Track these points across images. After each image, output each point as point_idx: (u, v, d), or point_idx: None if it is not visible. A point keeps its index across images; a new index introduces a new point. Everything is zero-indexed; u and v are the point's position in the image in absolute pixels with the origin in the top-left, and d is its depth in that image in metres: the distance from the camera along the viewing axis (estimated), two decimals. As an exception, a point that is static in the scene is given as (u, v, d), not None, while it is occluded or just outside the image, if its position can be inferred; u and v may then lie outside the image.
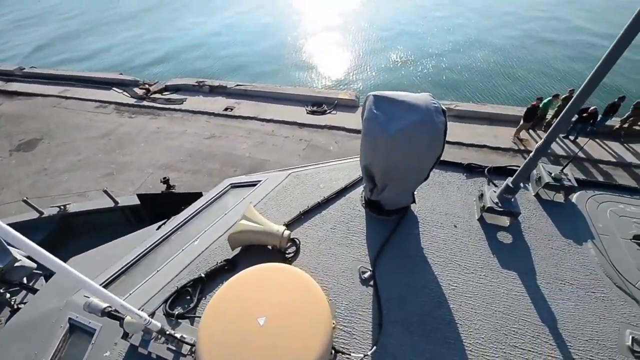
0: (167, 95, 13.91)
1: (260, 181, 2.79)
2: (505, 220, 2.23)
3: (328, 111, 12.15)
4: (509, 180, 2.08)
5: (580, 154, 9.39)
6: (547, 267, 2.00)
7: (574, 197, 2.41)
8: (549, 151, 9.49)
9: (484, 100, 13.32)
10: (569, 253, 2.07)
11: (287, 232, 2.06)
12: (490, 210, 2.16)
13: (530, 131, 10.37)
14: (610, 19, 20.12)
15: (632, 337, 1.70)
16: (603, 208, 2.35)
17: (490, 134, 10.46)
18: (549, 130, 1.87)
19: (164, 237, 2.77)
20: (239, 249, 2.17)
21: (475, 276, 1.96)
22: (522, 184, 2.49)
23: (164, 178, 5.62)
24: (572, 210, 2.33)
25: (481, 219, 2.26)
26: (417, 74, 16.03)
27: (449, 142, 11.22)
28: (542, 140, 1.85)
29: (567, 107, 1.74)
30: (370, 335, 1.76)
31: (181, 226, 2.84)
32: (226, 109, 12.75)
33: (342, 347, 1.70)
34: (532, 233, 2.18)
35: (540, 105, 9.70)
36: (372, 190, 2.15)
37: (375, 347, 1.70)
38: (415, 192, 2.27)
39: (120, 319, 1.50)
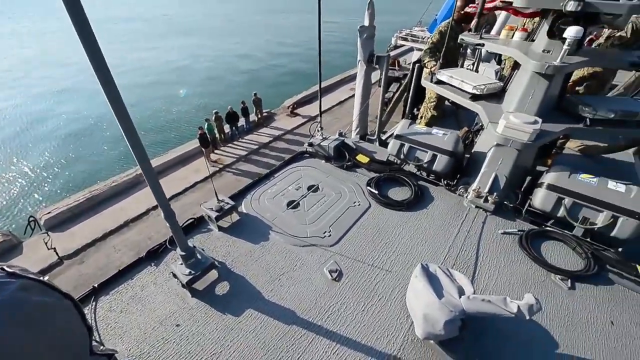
0: None
1: None
2: (214, 274, 2.22)
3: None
4: (178, 250, 2.00)
5: (255, 146, 12.21)
6: (263, 277, 2.22)
7: (242, 208, 2.83)
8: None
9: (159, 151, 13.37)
10: (266, 252, 2.41)
11: None
12: (190, 283, 2.04)
13: (216, 151, 11.99)
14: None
15: (328, 270, 2.27)
16: (262, 200, 2.95)
17: (191, 171, 11.02)
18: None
19: None
20: None
21: (219, 349, 1.81)
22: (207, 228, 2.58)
23: None
24: (248, 219, 2.73)
25: (194, 293, 2.11)
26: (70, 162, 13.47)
27: (171, 198, 10.42)
28: (163, 209, 1.81)
29: None
30: None
31: None
32: None
33: None
34: (236, 265, 2.32)
35: (206, 131, 11.23)
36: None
37: None
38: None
39: None
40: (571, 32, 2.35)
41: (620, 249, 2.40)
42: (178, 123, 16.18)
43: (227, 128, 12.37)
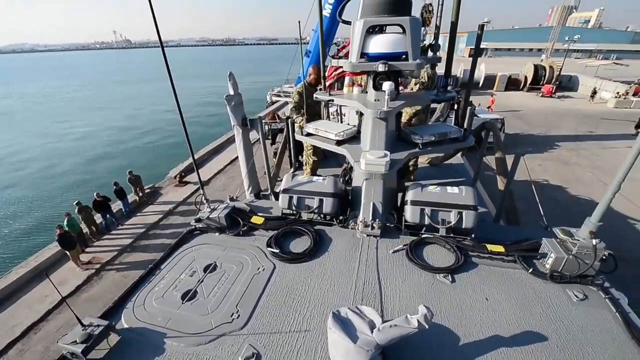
0: None
1: None
2: None
3: None
4: None
5: (142, 229, 10.53)
6: None
7: (122, 323, 2.30)
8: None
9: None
10: None
11: None
12: None
13: (88, 249, 9.76)
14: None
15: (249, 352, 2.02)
16: (148, 304, 2.47)
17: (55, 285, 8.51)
18: None
19: None
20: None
21: None
22: None
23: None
24: (132, 335, 2.22)
25: None
26: None
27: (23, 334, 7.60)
28: None
29: None
30: None
31: None
32: None
33: None
34: None
35: (67, 228, 9.09)
36: None
37: None
38: None
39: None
40: (386, 86, 3.09)
41: (472, 236, 3.05)
42: (25, 227, 12.55)
43: (99, 218, 10.34)
